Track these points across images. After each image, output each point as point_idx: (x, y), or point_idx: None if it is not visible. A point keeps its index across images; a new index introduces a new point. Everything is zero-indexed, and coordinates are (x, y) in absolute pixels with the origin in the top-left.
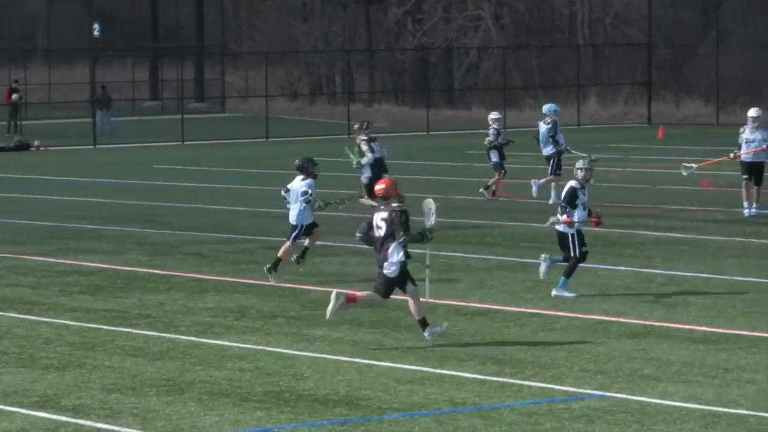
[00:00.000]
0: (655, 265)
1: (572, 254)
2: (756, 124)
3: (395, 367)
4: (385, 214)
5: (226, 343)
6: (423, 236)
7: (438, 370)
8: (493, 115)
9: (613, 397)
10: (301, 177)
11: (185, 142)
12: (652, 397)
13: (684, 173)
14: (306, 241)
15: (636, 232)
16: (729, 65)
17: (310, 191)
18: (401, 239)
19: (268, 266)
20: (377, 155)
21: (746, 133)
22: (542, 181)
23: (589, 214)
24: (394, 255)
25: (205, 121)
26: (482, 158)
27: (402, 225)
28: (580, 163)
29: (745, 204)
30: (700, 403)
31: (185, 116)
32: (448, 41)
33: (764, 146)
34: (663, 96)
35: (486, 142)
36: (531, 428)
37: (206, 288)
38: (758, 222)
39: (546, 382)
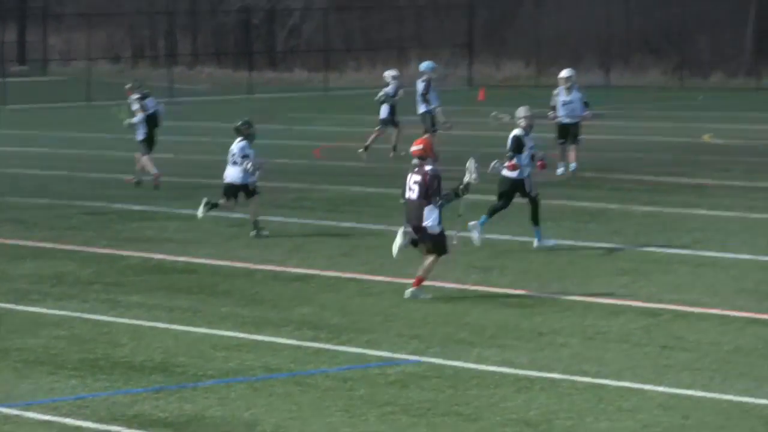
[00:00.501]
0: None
1: (533, 194)
2: (569, 85)
3: (211, 333)
4: (418, 177)
5: (42, 311)
6: (456, 194)
7: (254, 336)
8: (393, 72)
9: (427, 362)
10: (238, 138)
11: (7, 106)
12: (467, 361)
13: (494, 122)
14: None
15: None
16: (549, 27)
17: (237, 152)
18: (438, 202)
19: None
20: (150, 112)
21: (562, 95)
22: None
23: (532, 158)
24: (430, 217)
25: (27, 84)
26: (303, 121)
27: (436, 190)
28: (521, 111)
29: (560, 164)
30: (514, 368)
31: (7, 79)
32: (271, 3)
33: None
34: (484, 58)
35: (381, 96)
36: (346, 394)
37: (24, 254)
38: (574, 185)
39: (361, 347)
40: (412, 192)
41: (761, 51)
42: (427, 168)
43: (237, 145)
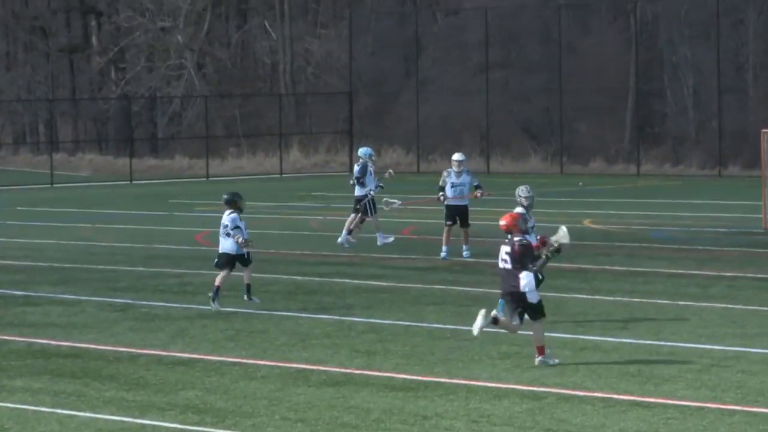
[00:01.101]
0: (355, 313)
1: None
2: (460, 168)
3: (96, 417)
4: (508, 248)
5: None
6: (548, 257)
7: (139, 420)
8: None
9: None
10: (229, 211)
11: None
12: None
13: (386, 208)
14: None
15: (336, 280)
16: (429, 113)
17: (229, 224)
18: (534, 269)
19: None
20: None
21: (452, 177)
22: (352, 227)
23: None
24: (527, 285)
25: None
26: (185, 207)
27: (528, 258)
28: (522, 191)
29: (444, 248)
30: None
31: None
32: (152, 90)
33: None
34: (365, 144)
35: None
36: None
37: None
38: (456, 270)
39: (246, 431)
40: (506, 262)
41: (640, 138)
42: (516, 239)
43: (228, 217)
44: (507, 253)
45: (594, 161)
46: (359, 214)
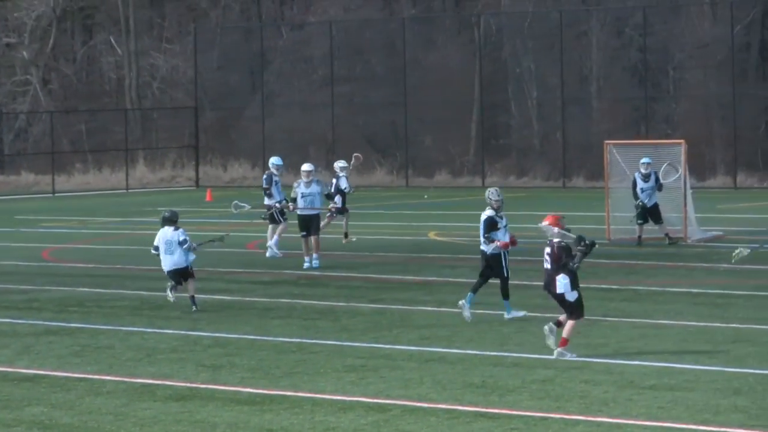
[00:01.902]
0: (201, 327)
1: (504, 274)
2: (310, 179)
3: None
4: (548, 249)
5: None
6: (585, 253)
7: None
8: (342, 164)
9: None
10: (173, 228)
11: None
12: None
13: (234, 210)
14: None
15: (182, 294)
16: (275, 127)
17: (184, 239)
18: (574, 266)
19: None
20: None
21: (301, 188)
22: (275, 237)
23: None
24: (564, 286)
25: None
26: (31, 223)
27: (568, 257)
28: (491, 194)
29: (306, 258)
30: None
31: None
32: None
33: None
34: (211, 159)
35: (345, 188)
36: None
37: None
38: (302, 283)
39: None
40: (547, 263)
41: (485, 150)
42: (555, 241)
43: (174, 233)
44: (547, 254)
45: (439, 174)
46: (281, 223)
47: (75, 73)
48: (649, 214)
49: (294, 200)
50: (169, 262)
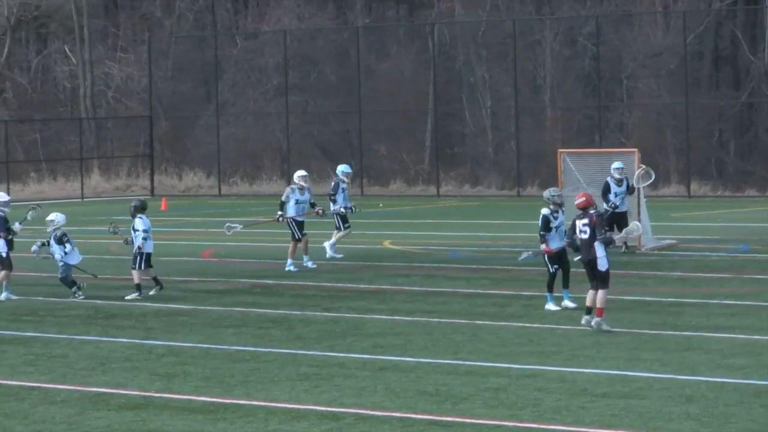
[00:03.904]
0: (155, 336)
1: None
2: (304, 186)
3: None
4: (586, 220)
5: None
6: (612, 240)
7: None
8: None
9: None
10: (140, 215)
11: None
12: None
13: (227, 233)
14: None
15: (136, 303)
16: (229, 136)
17: (149, 226)
18: (602, 236)
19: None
20: None
21: (296, 194)
22: (332, 240)
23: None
24: (600, 251)
25: None
26: None
27: (602, 224)
28: (550, 192)
29: (291, 261)
30: None
31: None
32: None
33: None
34: (165, 168)
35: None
36: None
37: None
38: (256, 291)
39: None
40: (584, 234)
41: (439, 159)
42: (592, 211)
43: (144, 220)
44: (585, 224)
45: (394, 183)
46: (342, 230)
47: (29, 82)
48: (617, 220)
49: (283, 205)
50: (148, 245)
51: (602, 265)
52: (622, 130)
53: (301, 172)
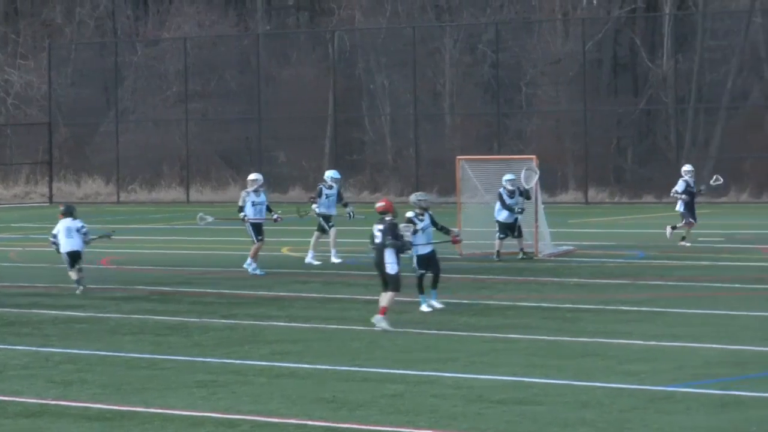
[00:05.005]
0: (53, 343)
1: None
2: (256, 187)
3: None
4: (381, 225)
5: None
6: (404, 245)
7: None
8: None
9: None
10: (71, 218)
11: None
12: None
13: (200, 223)
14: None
15: (34, 311)
16: (129, 143)
17: (84, 226)
18: (389, 243)
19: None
20: None
21: (252, 197)
22: (332, 249)
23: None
24: (389, 256)
25: None
26: None
27: (395, 231)
28: (417, 197)
29: (251, 260)
30: None
31: None
32: None
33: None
34: (65, 175)
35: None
36: None
37: None
38: (154, 299)
39: None
40: (377, 238)
41: (339, 166)
42: (387, 218)
43: (74, 222)
44: (379, 229)
45: (293, 189)
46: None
47: None
48: (511, 228)
49: (242, 209)
50: (68, 244)
51: (391, 269)
52: (521, 137)
53: (255, 176)
